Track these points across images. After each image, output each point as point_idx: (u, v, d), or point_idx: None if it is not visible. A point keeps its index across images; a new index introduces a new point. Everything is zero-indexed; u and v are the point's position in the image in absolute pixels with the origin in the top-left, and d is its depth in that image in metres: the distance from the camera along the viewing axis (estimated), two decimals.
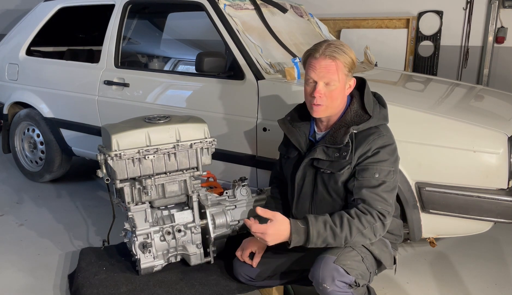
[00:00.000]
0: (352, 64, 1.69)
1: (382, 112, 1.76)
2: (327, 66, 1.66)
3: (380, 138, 1.67)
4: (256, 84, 2.46)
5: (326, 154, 1.72)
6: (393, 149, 1.69)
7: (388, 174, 1.65)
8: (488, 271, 2.39)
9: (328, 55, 1.66)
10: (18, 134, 3.71)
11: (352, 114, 1.74)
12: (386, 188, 1.64)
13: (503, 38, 4.32)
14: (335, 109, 1.73)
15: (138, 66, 4.04)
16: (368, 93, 1.77)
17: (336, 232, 1.60)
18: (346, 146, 1.67)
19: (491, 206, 1.96)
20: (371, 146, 1.66)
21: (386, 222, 1.63)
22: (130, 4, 3.08)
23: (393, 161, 1.68)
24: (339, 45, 1.69)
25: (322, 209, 1.76)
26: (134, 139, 1.98)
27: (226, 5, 2.69)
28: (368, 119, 1.70)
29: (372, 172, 1.64)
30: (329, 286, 1.59)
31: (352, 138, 1.68)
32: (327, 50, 1.66)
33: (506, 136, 1.95)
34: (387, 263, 1.77)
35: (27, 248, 2.60)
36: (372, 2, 4.85)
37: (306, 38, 3.06)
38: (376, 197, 1.63)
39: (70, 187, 3.59)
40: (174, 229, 2.04)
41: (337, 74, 1.66)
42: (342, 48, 1.68)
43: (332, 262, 1.61)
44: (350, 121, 1.72)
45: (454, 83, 3.04)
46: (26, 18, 3.68)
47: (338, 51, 1.66)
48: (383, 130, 1.70)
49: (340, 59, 1.66)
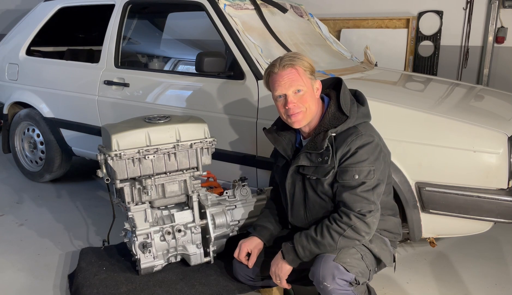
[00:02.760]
0: (311, 67, 1.72)
1: (360, 111, 1.74)
2: (289, 75, 1.69)
3: (359, 138, 1.66)
4: (256, 84, 2.46)
5: (310, 159, 1.72)
6: (373, 146, 1.67)
7: (368, 173, 1.64)
8: (488, 271, 2.39)
9: (287, 65, 1.69)
10: (18, 134, 3.71)
11: (330, 116, 1.73)
12: (366, 187, 1.64)
13: (503, 38, 4.32)
14: (312, 113, 1.73)
15: (138, 66, 4.04)
16: (344, 93, 1.75)
17: (317, 241, 1.66)
18: (327, 151, 1.68)
19: (491, 206, 1.96)
20: (350, 147, 1.65)
21: (367, 219, 1.63)
22: (130, 4, 3.08)
23: (373, 160, 1.66)
24: (292, 54, 1.74)
25: (317, 213, 1.77)
26: (134, 139, 1.98)
27: (226, 5, 2.69)
28: (346, 120, 1.69)
29: (351, 174, 1.64)
30: (329, 284, 1.60)
31: (331, 141, 1.68)
32: (283, 62, 1.70)
33: (506, 136, 1.95)
34: (387, 261, 1.78)
35: (27, 248, 2.60)
36: (372, 2, 4.85)
37: (306, 38, 3.06)
38: (355, 198, 1.63)
39: (70, 187, 3.59)
40: (174, 229, 2.04)
41: (301, 79, 1.69)
42: (296, 55, 1.72)
43: (332, 260, 1.62)
44: (328, 125, 1.71)
45: (454, 83, 3.04)
46: (26, 18, 3.68)
47: (294, 59, 1.70)
48: (362, 129, 1.68)
49: (298, 64, 1.69)
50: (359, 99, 1.79)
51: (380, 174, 1.68)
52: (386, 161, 1.74)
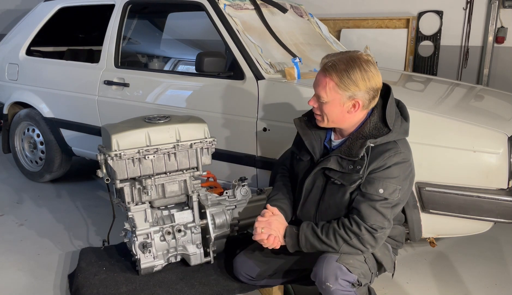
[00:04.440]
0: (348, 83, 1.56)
1: (403, 126, 1.66)
2: (319, 79, 1.63)
3: (397, 155, 1.59)
4: (256, 84, 2.46)
5: (340, 165, 1.65)
6: (406, 166, 1.62)
7: (394, 192, 1.59)
8: (488, 271, 2.39)
9: (324, 69, 1.61)
10: (18, 134, 3.71)
11: (371, 126, 1.64)
12: (386, 204, 1.59)
13: (503, 38, 4.32)
14: (334, 124, 1.67)
15: (138, 66, 4.04)
16: (391, 104, 1.66)
17: (322, 239, 1.64)
18: (361, 160, 1.60)
19: (491, 206, 1.95)
20: (386, 162, 1.58)
21: (377, 234, 1.60)
22: (130, 4, 3.08)
23: (402, 179, 1.61)
24: (338, 59, 1.59)
25: (327, 218, 1.72)
26: (134, 139, 1.98)
27: (226, 5, 2.69)
28: (387, 133, 1.61)
29: (377, 187, 1.58)
30: (332, 285, 1.59)
31: (368, 152, 1.60)
32: (325, 62, 1.61)
33: (506, 136, 1.95)
34: (388, 266, 1.76)
35: (27, 248, 2.60)
36: (372, 2, 4.85)
37: (306, 38, 3.06)
38: (373, 211, 1.59)
39: (70, 187, 3.59)
40: (174, 229, 2.04)
41: (325, 91, 1.60)
42: (339, 65, 1.57)
43: (335, 260, 1.61)
44: (368, 134, 1.63)
45: (454, 83, 3.04)
46: (26, 18, 3.68)
47: (337, 68, 1.57)
48: (401, 147, 1.61)
49: (333, 76, 1.58)
50: (402, 113, 1.71)
51: (403, 195, 1.64)
52: (411, 183, 1.70)
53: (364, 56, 1.61)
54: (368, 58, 1.60)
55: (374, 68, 1.59)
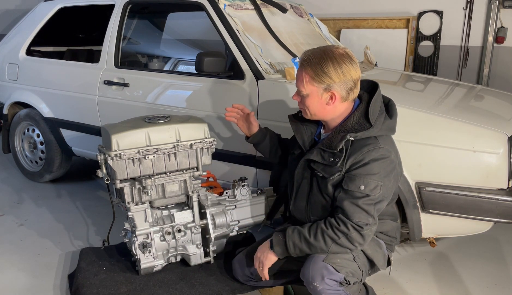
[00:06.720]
0: (321, 75, 1.62)
1: (386, 123, 1.68)
2: (298, 74, 1.69)
3: (375, 151, 1.61)
4: (256, 84, 2.46)
5: (322, 156, 1.69)
6: (387, 162, 1.62)
7: (375, 188, 1.60)
8: (488, 271, 2.39)
9: (301, 63, 1.67)
10: (18, 134, 3.71)
11: (354, 120, 1.68)
12: (368, 200, 1.60)
13: (503, 38, 4.32)
14: (317, 116, 1.72)
15: (138, 66, 4.04)
16: (376, 101, 1.69)
17: (310, 242, 1.65)
18: (340, 153, 1.63)
19: (491, 206, 1.96)
20: (364, 157, 1.60)
21: (364, 232, 1.60)
22: (130, 4, 3.08)
23: (384, 175, 1.61)
24: (312, 55, 1.65)
25: (317, 210, 1.76)
26: (134, 139, 1.98)
27: (226, 5, 2.69)
28: (368, 129, 1.63)
29: (358, 184, 1.60)
30: (319, 284, 1.61)
31: (347, 145, 1.63)
32: (303, 57, 1.67)
33: (506, 136, 1.95)
34: (380, 264, 1.76)
35: (27, 248, 2.60)
36: (372, 2, 4.85)
37: (306, 38, 3.06)
38: (356, 208, 1.60)
39: (70, 187, 3.59)
40: (174, 229, 2.05)
41: (303, 84, 1.66)
42: (313, 59, 1.63)
43: (321, 260, 1.63)
44: (350, 128, 1.67)
45: (454, 83, 3.04)
46: (26, 18, 3.68)
47: (311, 62, 1.63)
48: (382, 143, 1.63)
49: (308, 70, 1.64)
50: (389, 111, 1.73)
51: (386, 191, 1.65)
52: (396, 180, 1.70)
53: (340, 49, 1.65)
54: (343, 52, 1.64)
55: (348, 61, 1.63)
